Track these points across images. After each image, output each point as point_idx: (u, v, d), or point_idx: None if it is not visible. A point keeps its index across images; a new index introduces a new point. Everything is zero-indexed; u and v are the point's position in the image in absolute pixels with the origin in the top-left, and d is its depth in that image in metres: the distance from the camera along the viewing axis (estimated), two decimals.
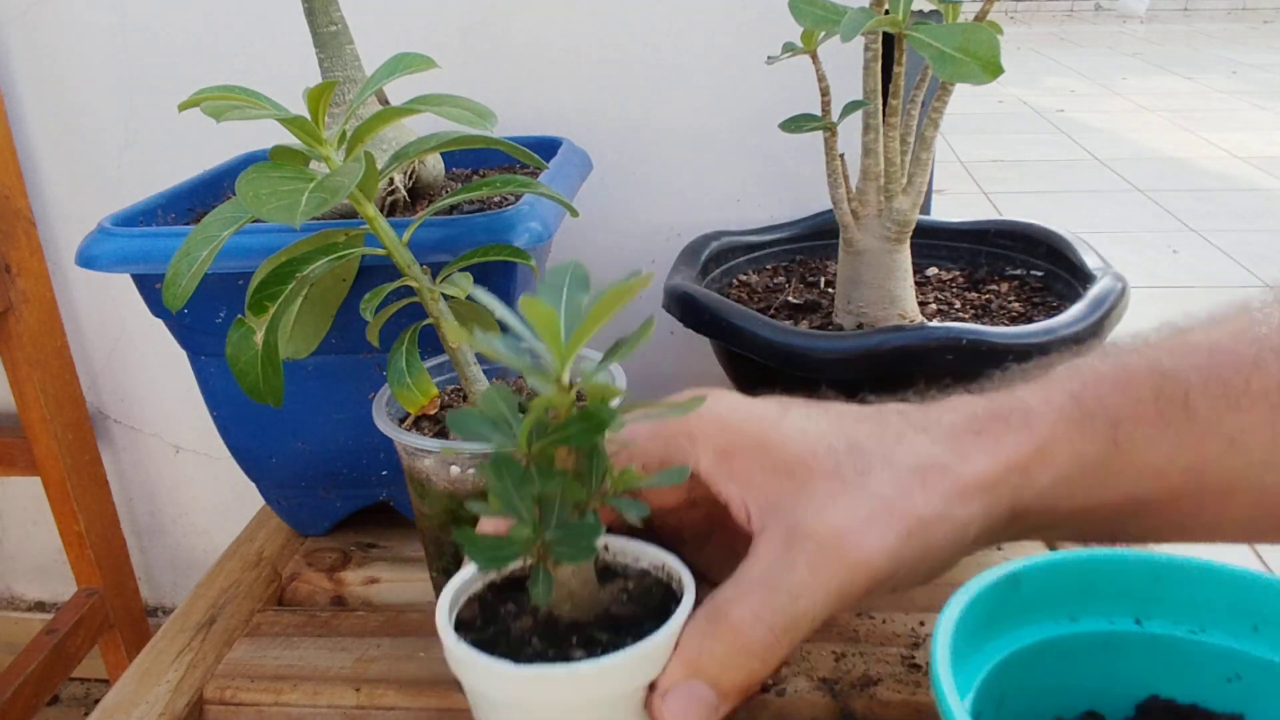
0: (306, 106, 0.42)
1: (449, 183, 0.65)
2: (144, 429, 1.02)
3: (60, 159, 0.90)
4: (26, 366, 0.91)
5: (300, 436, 0.60)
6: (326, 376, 0.58)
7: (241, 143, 0.73)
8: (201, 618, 0.58)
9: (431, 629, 0.35)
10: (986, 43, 0.43)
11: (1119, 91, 4.82)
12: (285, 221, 0.37)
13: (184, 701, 0.51)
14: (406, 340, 0.45)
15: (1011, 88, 4.80)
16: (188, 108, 0.42)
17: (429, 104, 0.44)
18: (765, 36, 0.81)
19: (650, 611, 0.35)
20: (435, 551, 0.47)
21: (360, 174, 0.39)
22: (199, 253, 0.41)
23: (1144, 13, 7.41)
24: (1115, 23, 7.53)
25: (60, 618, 0.98)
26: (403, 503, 0.64)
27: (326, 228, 0.46)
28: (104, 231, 0.54)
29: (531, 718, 0.33)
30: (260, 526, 0.68)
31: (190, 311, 0.55)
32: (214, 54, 0.84)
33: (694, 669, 0.32)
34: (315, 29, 0.54)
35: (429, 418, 0.47)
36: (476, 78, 0.82)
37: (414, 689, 0.52)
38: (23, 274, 0.90)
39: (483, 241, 0.49)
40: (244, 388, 0.43)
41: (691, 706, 0.32)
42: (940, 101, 0.54)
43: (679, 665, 0.32)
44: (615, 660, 0.31)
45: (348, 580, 0.62)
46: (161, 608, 1.14)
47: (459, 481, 0.44)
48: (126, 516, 1.06)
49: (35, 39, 0.86)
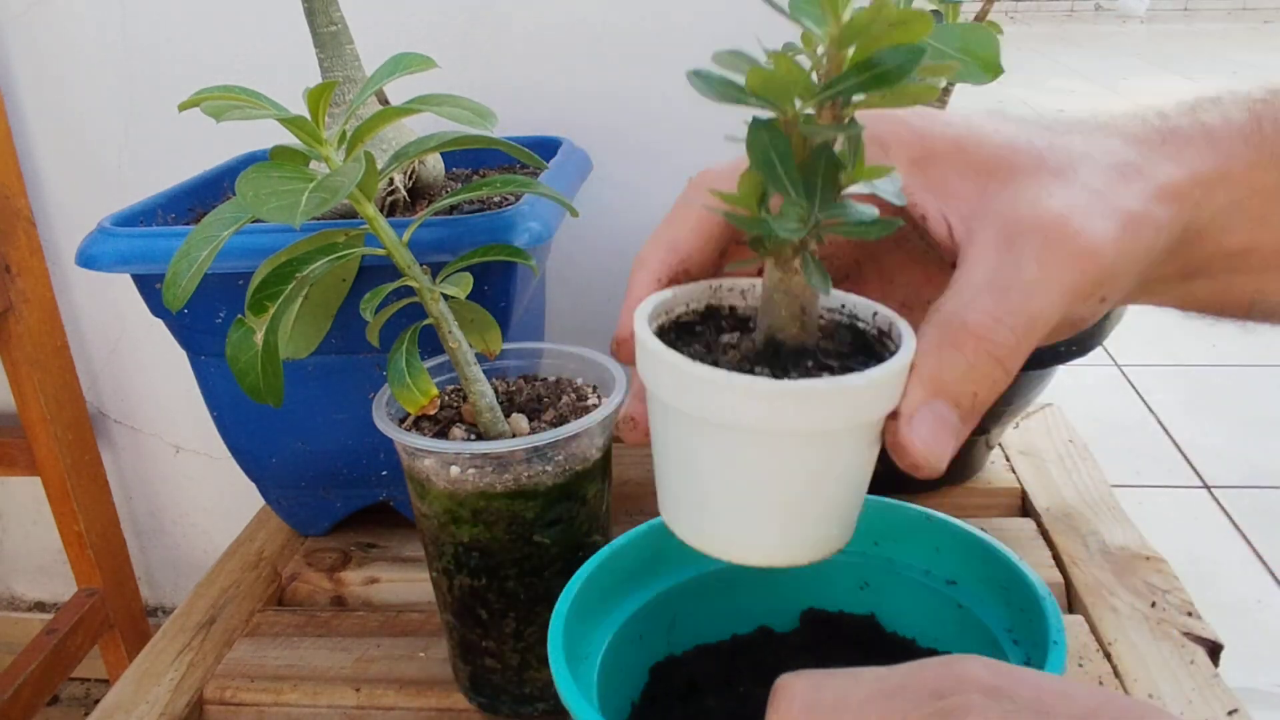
0: (306, 106, 0.42)
1: (449, 183, 0.65)
2: (144, 429, 1.02)
3: (60, 159, 0.90)
4: (26, 366, 0.91)
5: (300, 436, 0.60)
6: (326, 376, 0.58)
7: (241, 143, 0.73)
8: (201, 618, 0.58)
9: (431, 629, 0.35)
10: (986, 43, 0.42)
11: (1119, 91, 4.82)
12: (285, 221, 0.36)
13: (184, 701, 0.51)
14: (406, 340, 0.45)
15: (1012, 88, 4.79)
16: (188, 108, 0.42)
17: (429, 104, 0.44)
18: (766, 36, 0.81)
19: (852, 349, 0.32)
20: (435, 551, 0.47)
21: (360, 174, 0.39)
22: (199, 253, 0.41)
23: (1144, 13, 7.41)
24: (1115, 23, 7.53)
25: (60, 618, 0.98)
26: (403, 503, 0.64)
27: (326, 228, 0.46)
28: (104, 231, 0.54)
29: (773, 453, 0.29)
30: (260, 526, 0.68)
31: (190, 311, 0.55)
32: (214, 54, 0.84)
33: (937, 386, 0.29)
34: (315, 29, 0.54)
35: (429, 418, 0.47)
36: (476, 78, 0.82)
37: (414, 689, 0.52)
38: (23, 274, 0.90)
39: (483, 241, 0.48)
40: (244, 388, 0.43)
41: (939, 430, 0.29)
42: (940, 101, 0.54)
43: (920, 385, 0.29)
44: (883, 372, 0.28)
45: (348, 580, 0.62)
46: (161, 608, 1.14)
47: (459, 481, 0.44)
48: (126, 516, 1.06)
49: (35, 39, 0.86)
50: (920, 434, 0.29)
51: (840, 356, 0.31)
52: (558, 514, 0.45)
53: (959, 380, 0.29)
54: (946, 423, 0.29)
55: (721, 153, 0.35)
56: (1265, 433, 1.83)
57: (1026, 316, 0.30)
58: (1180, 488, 1.68)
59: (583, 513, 0.46)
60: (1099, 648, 0.51)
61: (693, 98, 0.27)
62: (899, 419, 0.29)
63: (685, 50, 0.80)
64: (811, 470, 0.29)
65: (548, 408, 0.48)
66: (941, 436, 0.29)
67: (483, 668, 0.48)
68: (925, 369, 0.29)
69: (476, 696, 0.50)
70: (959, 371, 0.29)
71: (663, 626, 0.38)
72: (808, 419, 0.28)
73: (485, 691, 0.49)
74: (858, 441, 0.29)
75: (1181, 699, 0.47)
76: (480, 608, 0.47)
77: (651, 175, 0.84)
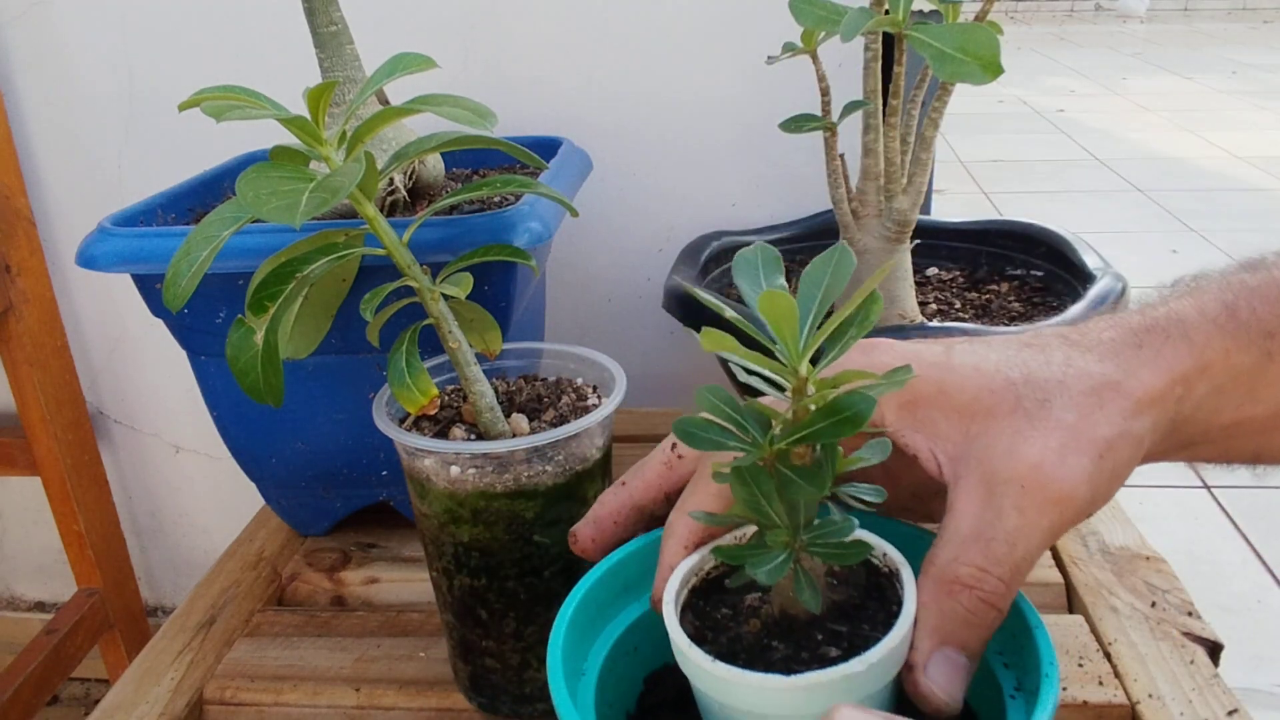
0: (306, 106, 0.42)
1: (449, 183, 0.65)
2: (144, 429, 1.02)
3: (60, 159, 0.90)
4: (26, 366, 0.91)
5: (300, 436, 0.60)
6: (326, 376, 0.58)
7: (241, 143, 0.73)
8: (201, 618, 0.58)
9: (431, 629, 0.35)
10: (986, 43, 0.42)
11: (1119, 91, 4.82)
12: (285, 221, 0.36)
13: (184, 702, 0.51)
14: (406, 340, 0.45)
15: (1011, 88, 4.79)
16: (188, 108, 0.42)
17: (429, 104, 0.44)
18: (765, 36, 0.81)
19: (863, 591, 0.34)
20: (435, 551, 0.47)
21: (360, 174, 0.39)
22: (199, 253, 0.41)
23: (1144, 13, 7.41)
24: (1115, 23, 7.53)
25: (60, 618, 0.98)
26: (403, 503, 0.64)
27: (326, 228, 0.46)
28: (104, 231, 0.54)
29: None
30: (260, 526, 0.68)
31: (190, 311, 0.55)
32: (214, 54, 0.84)
33: (942, 636, 0.32)
34: (315, 29, 0.54)
35: (429, 418, 0.47)
36: (476, 78, 0.82)
37: (414, 689, 0.52)
38: (23, 274, 0.90)
39: (483, 241, 0.48)
40: (244, 388, 0.43)
41: (952, 673, 0.32)
42: (940, 101, 0.54)
43: (927, 637, 0.32)
44: (880, 652, 0.31)
45: (348, 580, 0.62)
46: (161, 608, 1.14)
47: (459, 481, 0.44)
48: (126, 516, 1.06)
49: (35, 39, 0.86)
50: (937, 681, 0.32)
51: (851, 616, 0.33)
52: (558, 514, 0.45)
53: (961, 628, 0.32)
54: (957, 665, 0.32)
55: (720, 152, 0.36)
56: None
57: (1011, 564, 0.33)
58: (1180, 488, 1.68)
59: (583, 513, 0.46)
60: (1099, 648, 0.51)
61: (694, 97, 0.27)
62: (914, 670, 0.32)
63: (686, 50, 0.80)
64: None
65: (548, 408, 0.48)
66: (955, 679, 0.32)
67: (483, 668, 0.48)
68: (929, 621, 0.32)
69: (476, 696, 0.50)
70: (959, 620, 0.32)
71: (657, 637, 0.39)
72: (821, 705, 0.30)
73: (485, 691, 0.49)
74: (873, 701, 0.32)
75: (1181, 699, 0.47)
76: (480, 608, 0.47)
77: (652, 175, 0.84)
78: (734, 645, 0.33)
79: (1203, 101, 4.51)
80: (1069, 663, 0.50)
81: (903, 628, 0.32)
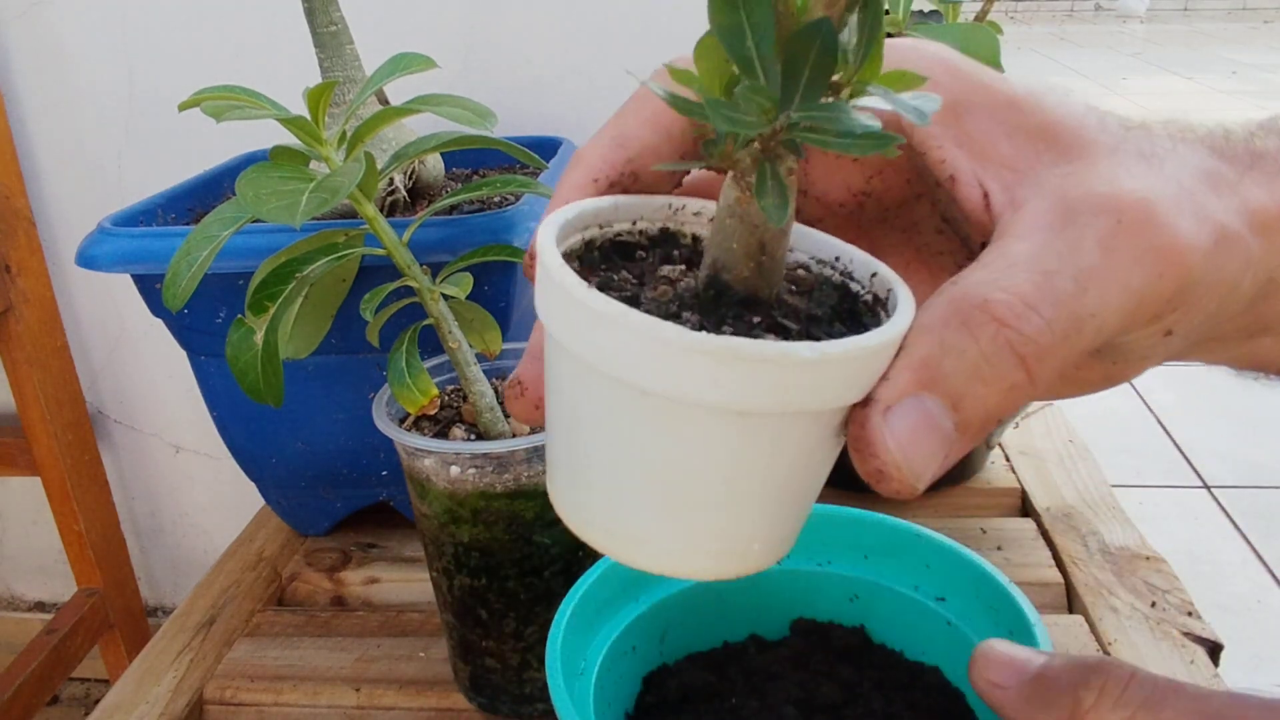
0: (306, 106, 0.42)
1: (449, 183, 0.65)
2: (144, 429, 1.02)
3: (60, 159, 0.90)
4: (26, 366, 0.91)
5: (300, 436, 0.60)
6: (326, 376, 0.58)
7: (241, 143, 0.73)
8: (201, 618, 0.58)
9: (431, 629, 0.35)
10: (986, 43, 0.43)
11: (1119, 91, 4.82)
12: (285, 221, 0.36)
13: (184, 701, 0.51)
14: (406, 340, 0.45)
15: None
16: (188, 108, 0.42)
17: (429, 104, 0.44)
18: None
19: (832, 314, 0.25)
20: (435, 551, 0.47)
21: (360, 174, 0.39)
22: (199, 253, 0.41)
23: (1144, 13, 7.41)
24: (1115, 23, 7.53)
25: (60, 618, 0.98)
26: (403, 503, 0.64)
27: (326, 228, 0.46)
28: (104, 231, 0.54)
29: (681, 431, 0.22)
30: (260, 526, 0.68)
31: (190, 311, 0.55)
32: (214, 54, 0.84)
33: (930, 376, 0.22)
34: (315, 29, 0.54)
35: (429, 418, 0.47)
36: (476, 78, 0.82)
37: (414, 689, 0.52)
38: (23, 274, 0.90)
39: (483, 241, 0.48)
40: (244, 388, 0.43)
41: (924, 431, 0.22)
42: None
43: (909, 370, 0.22)
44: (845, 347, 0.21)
45: (348, 580, 0.62)
46: (161, 608, 1.14)
47: (459, 481, 0.44)
48: (126, 516, 1.06)
49: (35, 39, 0.86)
50: (896, 430, 0.22)
51: (807, 320, 0.24)
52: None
53: (964, 374, 0.22)
54: (935, 425, 0.22)
55: None
56: (1265, 433, 1.83)
57: (1071, 312, 0.22)
58: (1180, 488, 1.68)
59: None
60: (1099, 648, 0.51)
61: None
62: (871, 405, 0.22)
63: (686, 49, 0.80)
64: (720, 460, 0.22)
65: None
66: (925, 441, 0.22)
67: (483, 668, 0.48)
68: (919, 350, 0.22)
69: (476, 696, 0.50)
70: (967, 362, 0.22)
71: (655, 637, 0.39)
72: (722, 390, 0.20)
73: (485, 691, 0.49)
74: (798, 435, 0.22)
75: None
76: (480, 608, 0.47)
77: None
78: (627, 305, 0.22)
79: (1203, 101, 4.51)
80: None
81: (887, 334, 0.22)
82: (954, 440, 0.22)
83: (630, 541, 0.24)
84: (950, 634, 0.39)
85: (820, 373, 0.21)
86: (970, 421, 0.22)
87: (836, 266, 0.26)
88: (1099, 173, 0.24)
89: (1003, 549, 0.58)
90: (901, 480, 0.22)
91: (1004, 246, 0.23)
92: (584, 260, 0.25)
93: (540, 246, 0.23)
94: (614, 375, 0.21)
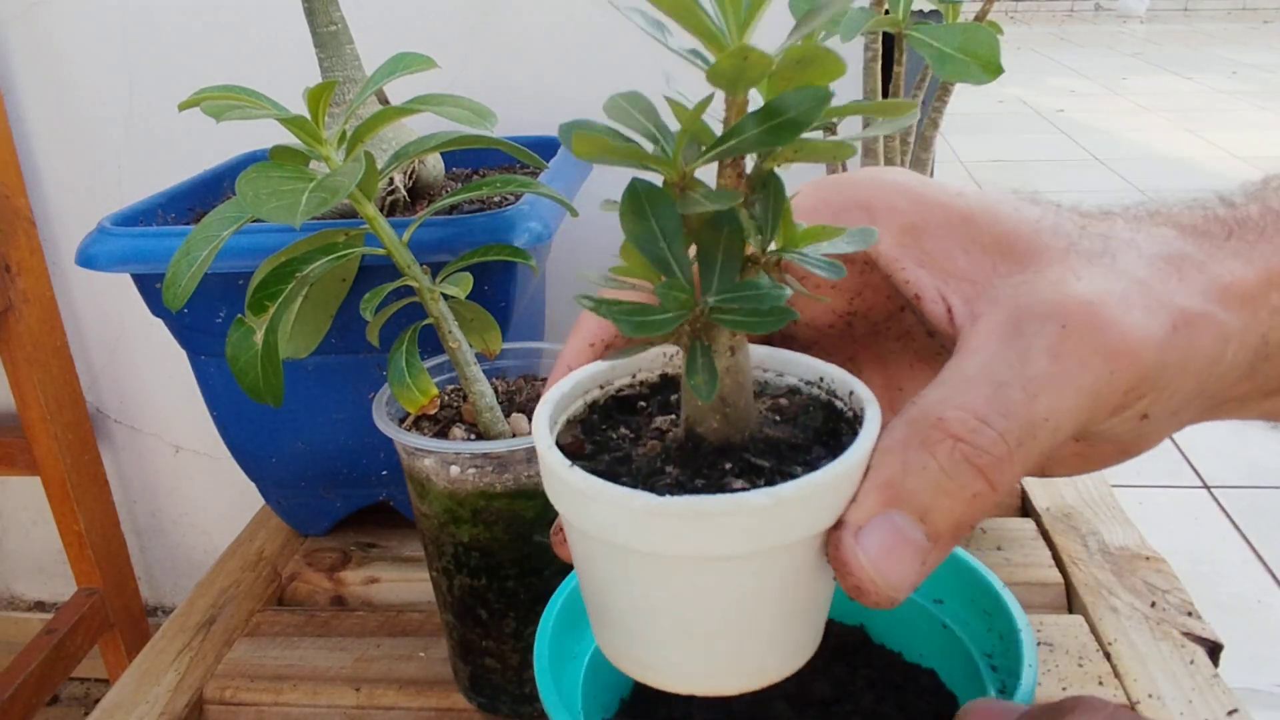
0: (306, 106, 0.42)
1: (449, 183, 0.65)
2: (144, 429, 1.02)
3: (60, 159, 0.90)
4: (26, 366, 0.91)
5: (300, 436, 0.60)
6: (326, 376, 0.58)
7: (241, 143, 0.73)
8: (201, 618, 0.58)
9: (431, 629, 0.35)
10: (986, 43, 0.43)
11: (1119, 91, 4.82)
12: (285, 221, 0.36)
13: (184, 701, 0.51)
14: (406, 340, 0.45)
15: (1011, 88, 4.79)
16: (188, 108, 0.42)
17: (429, 104, 0.44)
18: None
19: (814, 436, 0.26)
20: (435, 551, 0.47)
21: (360, 174, 0.39)
22: (199, 253, 0.41)
23: (1144, 13, 7.41)
24: (1115, 23, 7.53)
25: (60, 618, 0.98)
26: (403, 503, 0.64)
27: (326, 228, 0.46)
28: (104, 231, 0.54)
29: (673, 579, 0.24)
30: (260, 526, 0.68)
31: (190, 311, 0.55)
32: (214, 54, 0.84)
33: (895, 495, 0.23)
34: (315, 29, 0.54)
35: (429, 418, 0.47)
36: (476, 77, 0.82)
37: (414, 689, 0.52)
38: (23, 274, 0.90)
39: (483, 241, 0.48)
40: (244, 388, 0.43)
41: (896, 546, 0.23)
42: (940, 101, 0.54)
43: (875, 492, 0.23)
44: (799, 488, 0.22)
45: (348, 580, 0.62)
46: (161, 608, 1.14)
47: (459, 481, 0.44)
48: (126, 516, 1.06)
49: (36, 39, 0.86)
50: (869, 549, 0.23)
51: (788, 450, 0.26)
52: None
53: (928, 489, 0.23)
54: (906, 539, 0.23)
55: None
56: (1265, 433, 1.83)
57: (1023, 421, 0.23)
58: (1180, 488, 1.68)
59: None
60: (1099, 648, 0.51)
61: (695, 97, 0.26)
62: (842, 529, 0.23)
63: None
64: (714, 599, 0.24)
65: None
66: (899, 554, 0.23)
67: (483, 668, 0.48)
68: (884, 471, 0.23)
69: (476, 696, 0.50)
70: (929, 478, 0.23)
71: None
72: (695, 543, 0.22)
73: (485, 691, 0.49)
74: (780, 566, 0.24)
75: (1181, 699, 0.47)
76: (480, 608, 0.47)
77: None
78: (617, 466, 0.25)
79: (1203, 101, 4.51)
80: (1069, 663, 0.50)
81: (841, 466, 0.23)
82: (928, 549, 0.23)
83: (659, 671, 0.26)
84: (946, 637, 0.39)
85: (780, 514, 0.22)
86: (940, 532, 0.23)
87: (822, 386, 0.28)
88: (1048, 279, 0.25)
89: (1002, 549, 0.58)
90: (879, 593, 0.23)
91: (958, 362, 0.25)
92: (585, 425, 0.28)
93: (534, 430, 0.26)
94: (603, 539, 0.24)
